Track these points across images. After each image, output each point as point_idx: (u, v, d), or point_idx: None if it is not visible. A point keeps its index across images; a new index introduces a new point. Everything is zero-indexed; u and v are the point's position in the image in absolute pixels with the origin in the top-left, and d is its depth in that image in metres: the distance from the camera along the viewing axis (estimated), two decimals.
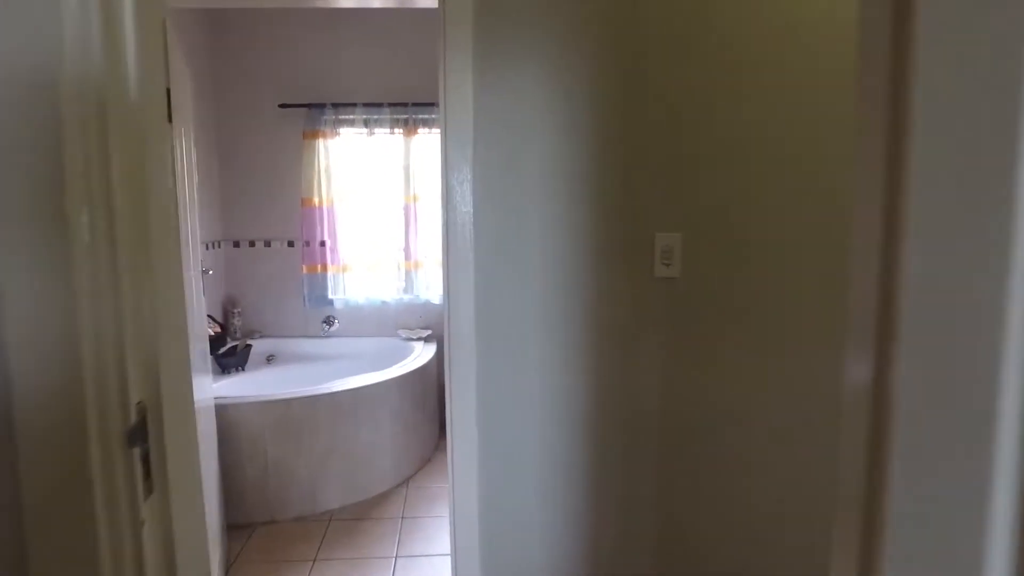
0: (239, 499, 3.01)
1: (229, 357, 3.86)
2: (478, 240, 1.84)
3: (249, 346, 4.00)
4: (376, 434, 3.33)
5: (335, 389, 3.18)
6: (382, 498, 3.34)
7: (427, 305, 4.30)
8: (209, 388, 2.83)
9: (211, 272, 2.64)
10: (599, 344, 1.89)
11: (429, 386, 3.87)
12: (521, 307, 1.87)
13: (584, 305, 1.87)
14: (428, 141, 4.14)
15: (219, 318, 4.14)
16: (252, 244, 4.26)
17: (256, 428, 3.01)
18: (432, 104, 4.07)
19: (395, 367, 3.59)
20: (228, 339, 4.03)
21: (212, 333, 3.63)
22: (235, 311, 4.19)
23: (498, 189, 1.82)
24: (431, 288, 4.29)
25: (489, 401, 1.89)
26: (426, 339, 4.24)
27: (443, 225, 1.84)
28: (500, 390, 1.89)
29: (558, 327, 1.88)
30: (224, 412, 2.97)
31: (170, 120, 1.91)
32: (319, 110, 4.05)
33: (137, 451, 0.77)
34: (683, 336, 1.88)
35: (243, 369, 3.95)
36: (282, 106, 4.04)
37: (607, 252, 1.85)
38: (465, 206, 1.83)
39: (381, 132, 4.13)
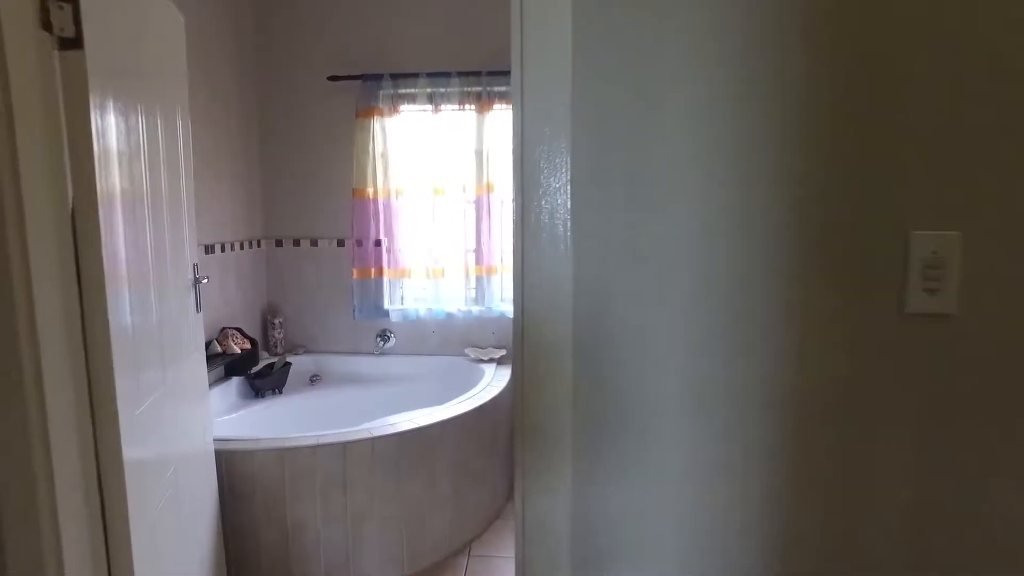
0: (251, 570, 2.32)
1: (263, 378, 3.21)
2: (578, 244, 1.05)
3: (288, 364, 3.35)
4: (429, 488, 2.57)
5: (376, 433, 2.44)
6: (435, 571, 2.58)
7: (501, 320, 3.52)
8: (207, 426, 2.14)
9: (207, 281, 1.92)
10: (787, 427, 1.05)
11: (501, 423, 3.09)
12: (650, 355, 1.06)
13: (763, 361, 1.04)
14: (506, 118, 3.37)
15: (257, 328, 3.51)
16: (296, 243, 3.61)
17: (273, 480, 2.31)
18: (511, 72, 3.28)
19: (458, 401, 2.82)
20: (260, 357, 3.39)
21: (239, 351, 2.98)
22: (275, 321, 3.55)
23: (613, 169, 1.03)
24: (508, 300, 3.51)
25: (597, 512, 1.08)
26: (499, 361, 3.46)
27: (516, 221, 1.08)
28: (608, 497, 1.08)
29: (715, 394, 1.05)
30: (231, 459, 2.28)
31: (79, 45, 1.22)
32: (375, 82, 3.35)
33: None
34: (957, 429, 1.01)
35: (280, 392, 3.29)
36: (332, 79, 3.37)
37: (811, 268, 1.01)
38: (555, 194, 1.04)
39: (448, 108, 3.39)
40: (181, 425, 1.87)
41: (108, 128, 1.36)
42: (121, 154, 1.43)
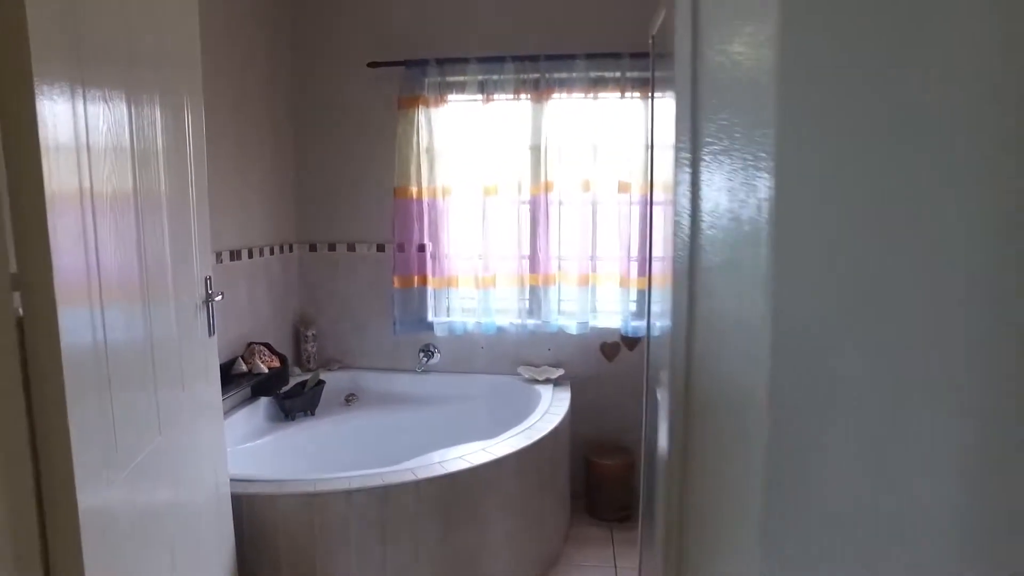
0: None
1: (294, 398, 2.88)
2: (789, 265, 0.65)
3: (321, 383, 3.00)
4: (480, 535, 2.19)
5: (421, 475, 2.06)
6: None
7: (559, 336, 3.12)
8: (221, 469, 1.80)
9: (221, 298, 1.57)
10: None
11: (561, 458, 2.69)
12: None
13: None
14: (566, 108, 2.97)
15: (288, 341, 3.18)
16: (332, 247, 3.27)
17: (301, 530, 1.95)
18: (572, 56, 2.89)
19: (514, 433, 2.43)
20: (292, 373, 3.05)
21: (266, 369, 2.64)
22: (308, 334, 3.22)
23: (849, 152, 0.63)
24: (566, 313, 3.11)
25: None
26: (556, 381, 3.06)
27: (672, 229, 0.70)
28: None
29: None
30: (252, 505, 1.93)
31: None
32: (419, 68, 2.99)
33: None
34: None
35: (312, 413, 2.95)
36: (372, 65, 3.02)
37: None
38: (754, 190, 0.66)
39: (502, 97, 3.01)
40: (187, 472, 1.53)
41: (64, 117, 1.01)
42: (90, 148, 1.08)
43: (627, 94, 2.92)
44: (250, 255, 2.80)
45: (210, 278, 1.63)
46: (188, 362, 1.52)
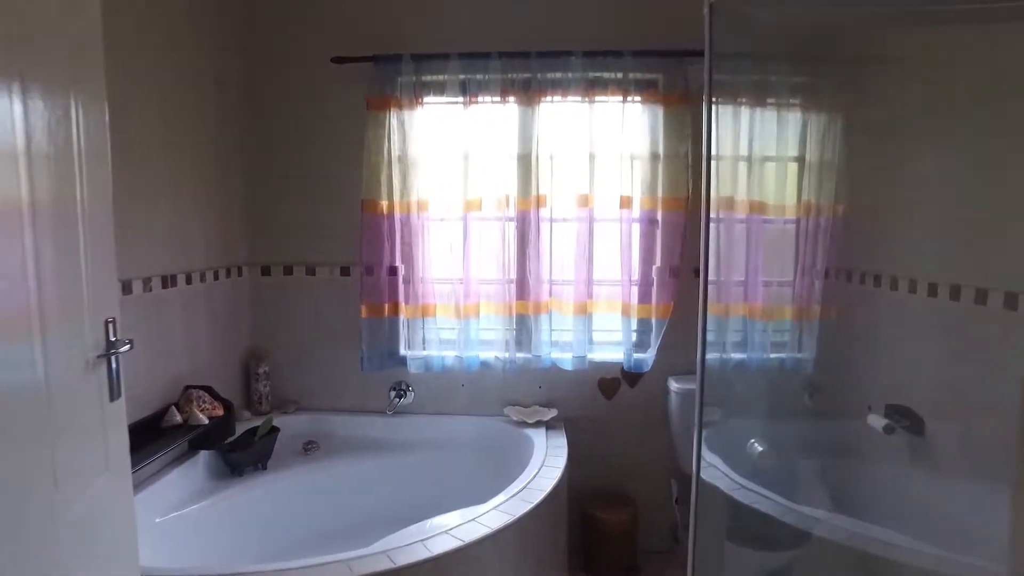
0: None
1: (242, 450, 2.42)
2: None
3: (275, 430, 2.55)
4: None
5: (400, 559, 1.63)
6: None
7: (552, 371, 2.73)
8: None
9: (129, 348, 1.12)
10: None
11: (560, 514, 2.30)
12: None
13: None
14: (561, 112, 2.61)
15: (236, 380, 2.73)
16: (288, 271, 2.83)
17: None
18: (568, 54, 2.53)
19: (509, 495, 2.02)
20: (240, 418, 2.60)
21: (206, 420, 2.19)
22: (260, 371, 2.76)
23: None
24: (561, 345, 2.72)
25: None
26: (549, 424, 2.67)
27: None
28: None
29: None
30: None
31: None
32: (391, 65, 2.59)
33: None
34: None
35: (264, 467, 2.49)
36: (337, 60, 2.61)
37: None
38: None
39: (486, 99, 2.63)
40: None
41: None
42: None
43: (629, 98, 2.57)
44: (188, 281, 2.35)
45: (114, 321, 1.19)
46: (72, 450, 1.08)
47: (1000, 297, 1.56)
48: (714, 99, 1.38)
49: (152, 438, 2.02)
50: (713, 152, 1.36)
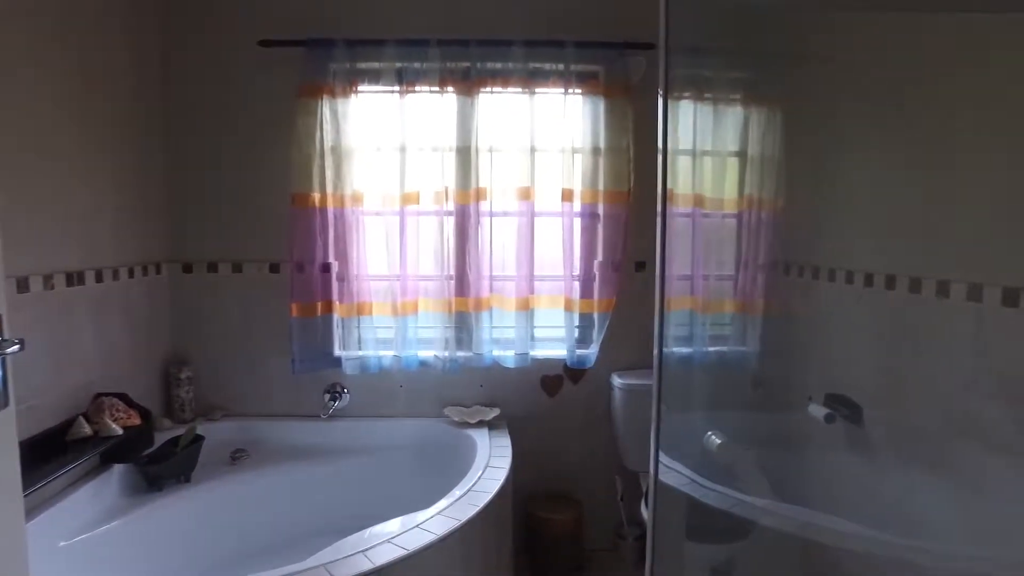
0: None
1: (162, 462, 2.24)
2: None
3: (199, 439, 2.37)
4: None
5: (338, 573, 1.52)
6: None
7: (494, 370, 2.66)
8: None
9: (18, 348, 0.98)
10: None
11: (506, 516, 2.23)
12: None
13: None
14: (501, 103, 2.54)
15: (155, 387, 2.53)
16: (213, 268, 2.65)
17: None
18: (508, 43, 2.47)
19: (453, 500, 1.94)
20: (160, 428, 2.41)
21: (119, 430, 2.01)
22: (182, 377, 2.57)
23: None
24: (503, 343, 2.65)
25: None
26: (491, 424, 2.60)
27: None
28: None
29: None
30: None
31: None
32: (324, 50, 2.46)
33: None
34: None
35: (188, 479, 2.31)
36: (264, 44, 2.46)
37: None
38: None
39: (424, 88, 2.53)
40: None
41: None
42: None
43: (571, 90, 2.53)
44: (98, 278, 2.15)
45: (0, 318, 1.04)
46: None
47: (933, 286, 1.59)
48: (668, 92, 1.34)
49: (56, 453, 1.84)
50: (681, 144, 1.32)
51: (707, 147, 2.12)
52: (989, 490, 1.46)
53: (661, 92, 1.29)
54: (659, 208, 1.26)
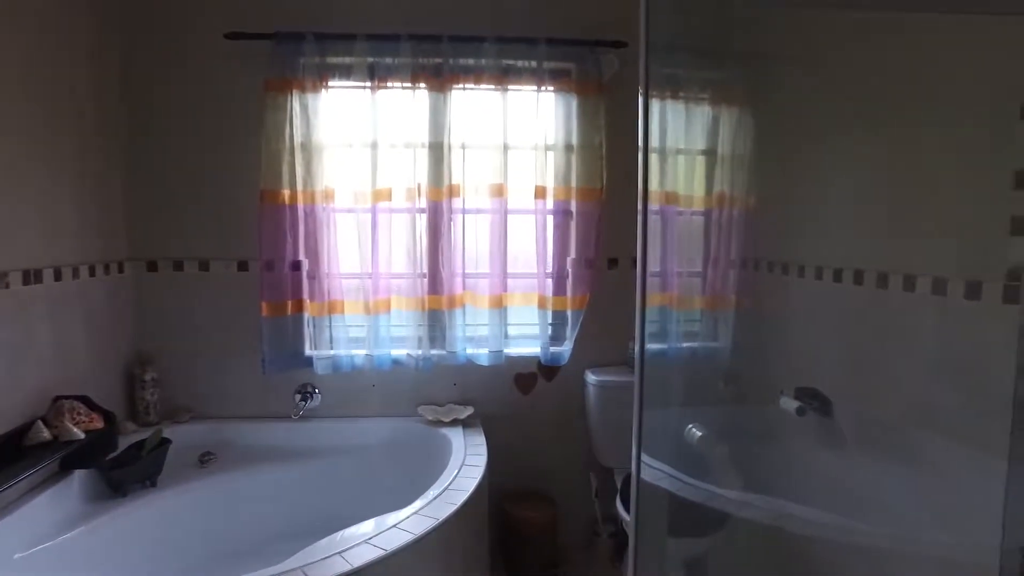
0: None
1: (126, 466, 2.17)
2: None
3: (165, 442, 2.31)
4: None
5: (314, 575, 1.50)
6: None
7: (467, 368, 2.64)
8: None
9: None
10: None
11: (483, 515, 2.22)
12: None
13: None
14: (474, 100, 2.53)
15: (118, 390, 2.46)
16: (179, 266, 2.58)
17: None
18: (480, 39, 2.46)
19: (430, 499, 1.92)
20: (124, 432, 2.34)
21: (81, 433, 1.94)
22: (147, 378, 2.50)
23: None
24: (477, 340, 2.64)
25: None
26: (465, 423, 2.58)
27: None
28: None
29: None
30: None
31: None
32: (293, 44, 2.42)
33: None
34: None
35: (154, 483, 2.25)
36: (231, 36, 2.40)
37: None
38: None
39: (396, 84, 2.50)
40: None
41: None
42: None
43: (543, 87, 2.53)
44: (57, 277, 2.07)
45: None
46: None
47: (900, 281, 1.63)
48: (648, 89, 1.35)
49: (12, 459, 1.76)
50: (652, 142, 1.32)
51: (680, 145, 2.14)
52: (950, 476, 1.50)
53: (641, 90, 1.29)
54: (640, 206, 1.26)
